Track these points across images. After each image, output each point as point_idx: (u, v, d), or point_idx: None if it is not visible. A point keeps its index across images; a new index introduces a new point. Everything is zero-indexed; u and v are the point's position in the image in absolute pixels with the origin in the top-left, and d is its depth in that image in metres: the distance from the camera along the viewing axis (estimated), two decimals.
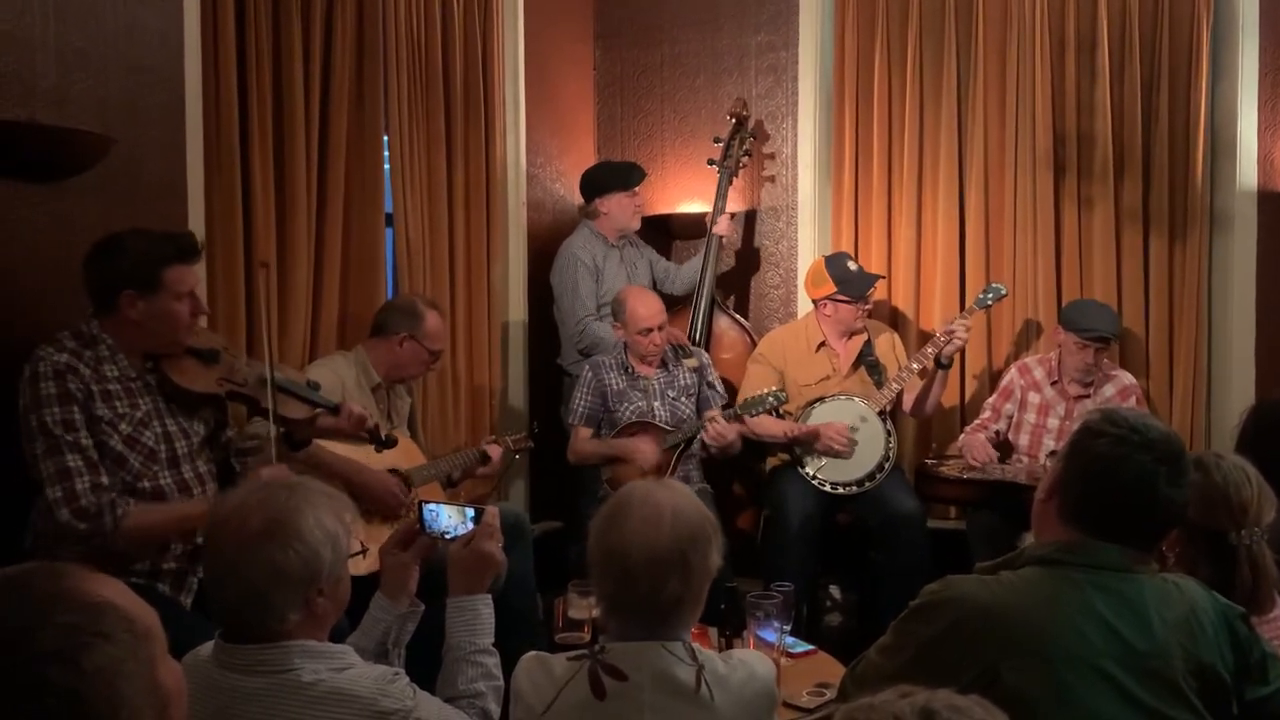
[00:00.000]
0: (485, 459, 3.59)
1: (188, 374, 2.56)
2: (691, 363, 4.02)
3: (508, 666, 1.98)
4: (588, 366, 4.00)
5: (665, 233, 4.85)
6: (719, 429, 3.77)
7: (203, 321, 2.73)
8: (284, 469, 2.57)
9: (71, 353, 2.39)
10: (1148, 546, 1.67)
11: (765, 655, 1.97)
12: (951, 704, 0.98)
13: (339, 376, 3.32)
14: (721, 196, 4.50)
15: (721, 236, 4.47)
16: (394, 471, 3.27)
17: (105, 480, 2.36)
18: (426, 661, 2.03)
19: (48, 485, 2.32)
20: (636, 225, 4.45)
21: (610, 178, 4.41)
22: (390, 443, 2.98)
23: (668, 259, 4.73)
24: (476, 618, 2.00)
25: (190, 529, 2.48)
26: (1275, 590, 1.89)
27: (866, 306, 4.05)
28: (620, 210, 4.37)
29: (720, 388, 4.08)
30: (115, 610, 0.98)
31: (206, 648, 1.71)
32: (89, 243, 2.70)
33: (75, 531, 2.31)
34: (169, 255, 2.47)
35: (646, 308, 3.87)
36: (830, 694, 2.34)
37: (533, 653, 1.85)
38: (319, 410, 2.74)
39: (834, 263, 4.02)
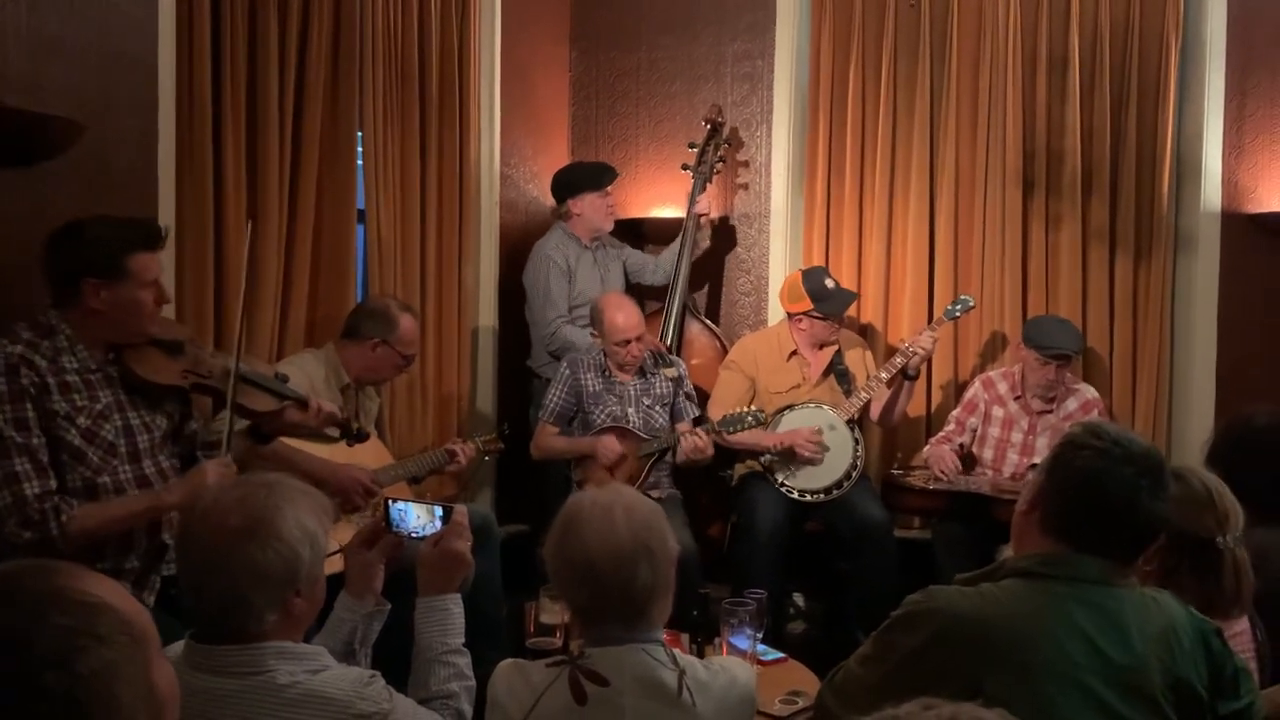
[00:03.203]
0: (453, 459, 3.55)
1: (151, 366, 2.49)
2: (670, 373, 3.99)
3: (475, 669, 1.97)
4: (565, 363, 3.97)
5: (638, 237, 4.84)
6: (699, 444, 3.76)
7: (168, 312, 2.67)
8: (224, 464, 2.49)
9: (27, 344, 2.31)
10: (1129, 560, 1.68)
11: (745, 662, 1.97)
12: (976, 716, 0.97)
13: (307, 374, 3.27)
14: (694, 202, 4.50)
15: (701, 215, 4.48)
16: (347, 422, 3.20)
17: (53, 484, 2.29)
18: (393, 661, 2.01)
19: None
20: (609, 226, 4.43)
21: (582, 178, 4.40)
22: (361, 436, 2.93)
23: None
24: (447, 617, 1.97)
25: (137, 526, 2.43)
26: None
27: (840, 322, 4.07)
28: (593, 211, 4.35)
29: (695, 400, 4.07)
30: (111, 611, 0.95)
31: (174, 649, 1.66)
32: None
33: (19, 541, 2.24)
34: (134, 242, 2.40)
35: (625, 318, 3.83)
36: (803, 702, 2.34)
37: (509, 660, 1.84)
38: (286, 403, 2.68)
39: (811, 278, 4.01)
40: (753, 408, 3.83)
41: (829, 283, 4.02)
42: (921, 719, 0.98)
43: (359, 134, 3.75)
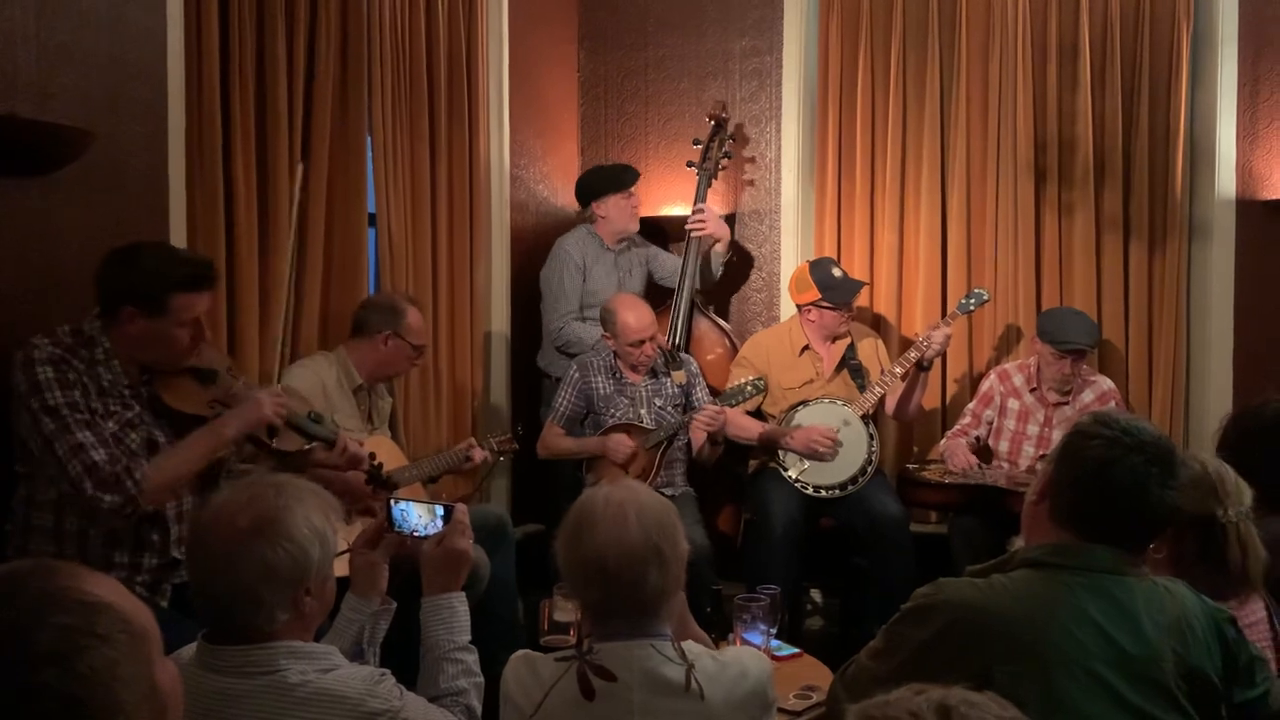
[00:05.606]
0: (468, 460, 3.56)
1: (179, 394, 2.52)
2: (679, 377, 3.93)
3: (489, 670, 1.99)
4: (575, 366, 3.97)
5: (652, 235, 4.81)
6: (709, 413, 3.74)
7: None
8: (278, 394, 2.58)
9: (66, 349, 2.36)
10: (1139, 549, 1.67)
11: (761, 654, 1.97)
12: (967, 700, 0.98)
13: (319, 378, 3.29)
14: (700, 199, 4.47)
15: (699, 237, 4.42)
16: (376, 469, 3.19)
17: (117, 450, 2.32)
18: (400, 660, 2.02)
19: (66, 463, 2.26)
20: (635, 227, 4.43)
21: (603, 181, 4.40)
22: (389, 485, 2.93)
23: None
24: (453, 615, 2.00)
25: (211, 461, 2.48)
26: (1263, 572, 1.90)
27: (850, 312, 4.05)
28: (618, 212, 4.36)
29: (707, 400, 4.05)
30: (112, 610, 0.95)
31: (188, 650, 1.68)
32: (69, 238, 2.69)
33: (102, 505, 2.27)
34: (181, 281, 2.42)
35: (638, 319, 3.82)
36: (818, 697, 2.34)
37: (521, 653, 1.85)
38: (314, 444, 2.70)
39: (818, 268, 4.01)
40: (750, 378, 3.81)
41: (836, 271, 4.01)
42: (912, 704, 0.98)
43: (369, 137, 3.76)
